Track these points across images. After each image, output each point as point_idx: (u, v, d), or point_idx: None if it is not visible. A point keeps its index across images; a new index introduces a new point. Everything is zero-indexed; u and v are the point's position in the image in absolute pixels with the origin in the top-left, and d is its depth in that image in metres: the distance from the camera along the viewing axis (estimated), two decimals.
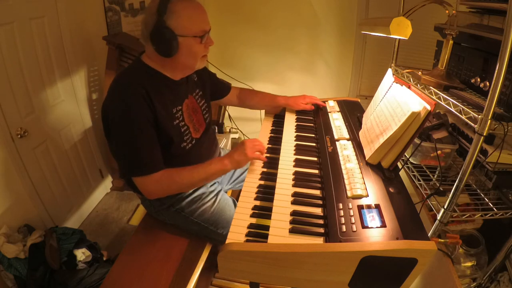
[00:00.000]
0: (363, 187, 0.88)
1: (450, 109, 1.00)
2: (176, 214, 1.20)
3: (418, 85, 1.20)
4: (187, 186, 1.11)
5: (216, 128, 2.32)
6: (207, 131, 1.24)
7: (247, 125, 2.52)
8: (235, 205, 1.26)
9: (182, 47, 0.98)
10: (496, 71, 0.76)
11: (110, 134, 1.01)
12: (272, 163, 1.11)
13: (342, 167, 0.99)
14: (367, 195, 0.85)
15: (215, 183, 1.31)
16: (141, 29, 1.00)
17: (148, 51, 1.04)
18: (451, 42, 1.12)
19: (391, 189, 0.88)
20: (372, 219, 0.77)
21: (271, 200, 0.90)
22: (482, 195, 1.14)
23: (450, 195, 0.94)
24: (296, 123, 1.35)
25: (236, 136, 2.47)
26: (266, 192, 0.97)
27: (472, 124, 0.88)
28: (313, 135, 1.26)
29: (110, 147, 1.08)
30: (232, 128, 2.46)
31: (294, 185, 0.95)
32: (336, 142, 1.14)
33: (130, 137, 0.96)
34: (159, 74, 1.04)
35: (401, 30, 1.02)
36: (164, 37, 0.94)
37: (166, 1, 0.93)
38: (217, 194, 1.25)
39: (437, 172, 1.28)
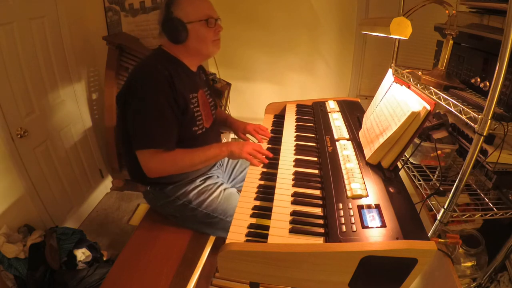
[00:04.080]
0: (363, 187, 0.88)
1: (450, 109, 1.00)
2: (183, 206, 1.21)
3: (418, 85, 1.20)
4: (188, 167, 1.14)
5: None
6: (214, 125, 1.30)
7: None
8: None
9: (191, 33, 1.07)
10: (496, 71, 0.76)
11: (129, 107, 1.04)
12: (272, 163, 1.11)
13: (342, 167, 0.99)
14: (367, 195, 0.85)
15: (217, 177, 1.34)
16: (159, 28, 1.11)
17: (164, 44, 1.13)
18: (451, 42, 1.12)
19: (391, 189, 0.88)
20: (372, 219, 0.77)
21: (271, 200, 0.90)
22: (482, 195, 1.14)
23: (450, 195, 0.94)
24: (296, 123, 1.35)
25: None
26: (266, 192, 0.97)
27: (472, 124, 0.88)
28: (313, 135, 1.26)
29: (121, 128, 1.13)
30: None
31: (294, 185, 0.95)
32: (336, 142, 1.14)
33: (149, 111, 1.02)
34: (178, 61, 1.13)
35: (401, 30, 1.02)
36: (173, 25, 1.05)
37: None
38: (220, 185, 1.27)
39: (437, 172, 1.28)
